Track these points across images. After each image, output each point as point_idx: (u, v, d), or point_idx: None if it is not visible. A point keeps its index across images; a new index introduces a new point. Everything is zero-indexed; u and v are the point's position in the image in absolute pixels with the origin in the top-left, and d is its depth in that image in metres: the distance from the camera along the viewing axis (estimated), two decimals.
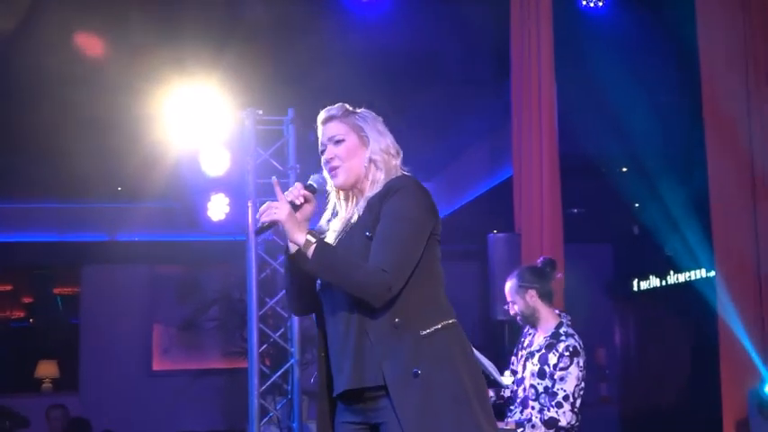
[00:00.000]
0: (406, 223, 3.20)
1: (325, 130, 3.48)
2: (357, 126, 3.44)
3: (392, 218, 3.19)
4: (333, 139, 3.44)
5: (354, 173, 3.41)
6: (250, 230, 7.83)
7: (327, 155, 3.44)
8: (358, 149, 3.41)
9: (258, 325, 7.70)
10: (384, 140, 3.43)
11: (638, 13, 9.42)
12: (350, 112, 3.47)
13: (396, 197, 3.23)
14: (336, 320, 3.27)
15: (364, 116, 3.47)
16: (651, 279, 12.96)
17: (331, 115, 3.47)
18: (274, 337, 8.00)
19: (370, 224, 3.23)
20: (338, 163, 3.41)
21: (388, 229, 3.18)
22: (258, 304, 7.74)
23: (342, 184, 3.43)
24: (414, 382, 3.08)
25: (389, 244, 3.15)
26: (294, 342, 7.84)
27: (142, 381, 12.77)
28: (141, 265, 12.82)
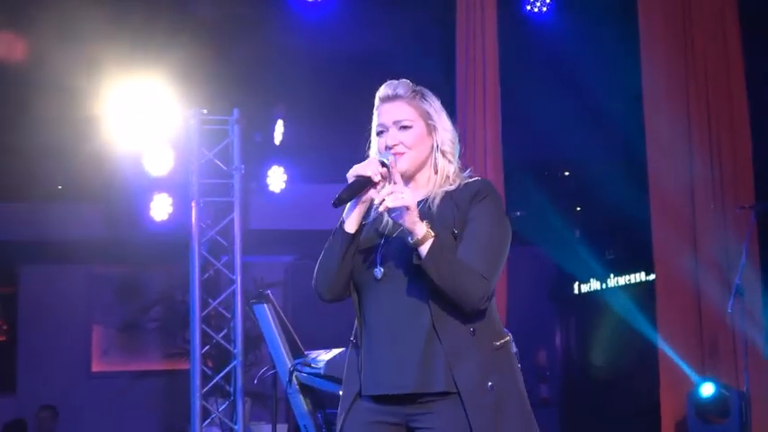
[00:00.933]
0: (503, 231, 3.04)
1: (387, 110, 3.12)
2: (425, 112, 3.12)
3: (490, 223, 3.01)
4: (399, 123, 3.09)
5: (418, 162, 3.13)
6: (193, 230, 7.78)
7: (390, 140, 3.09)
8: (425, 138, 3.12)
9: (201, 326, 7.66)
10: (452, 130, 3.18)
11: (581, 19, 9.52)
12: (417, 92, 3.14)
13: (489, 201, 3.03)
14: (395, 316, 3.00)
15: (432, 100, 3.16)
16: (592, 282, 13.10)
17: (397, 94, 3.12)
18: (217, 338, 7.96)
19: (456, 222, 3.00)
20: (403, 149, 3.09)
21: (488, 235, 3.00)
22: (201, 305, 7.71)
23: (405, 172, 3.10)
24: (490, 393, 2.93)
25: (489, 251, 2.98)
26: (237, 343, 7.81)
27: (81, 382, 12.60)
28: (80, 265, 12.66)
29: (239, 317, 7.88)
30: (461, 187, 3.07)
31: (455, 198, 3.05)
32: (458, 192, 3.06)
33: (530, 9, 9.20)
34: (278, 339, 5.84)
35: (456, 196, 3.05)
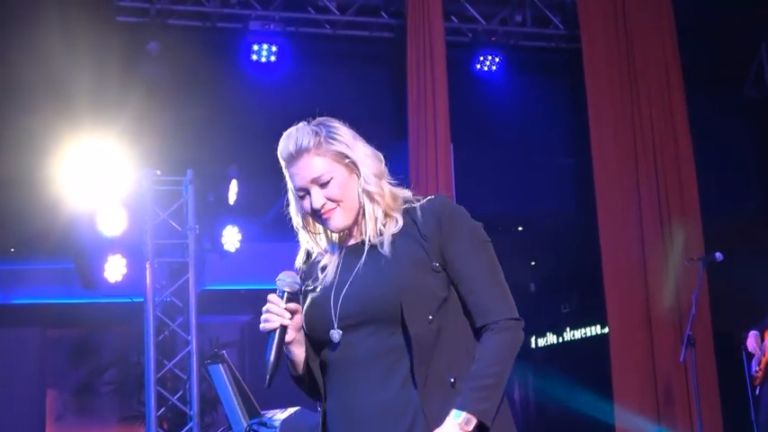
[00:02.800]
0: (487, 250, 2.62)
1: (298, 171, 2.64)
2: (338, 153, 2.63)
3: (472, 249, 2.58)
4: (317, 180, 2.62)
5: (354, 210, 2.65)
6: (148, 292, 7.74)
7: (316, 203, 2.62)
8: (350, 182, 2.64)
9: (156, 388, 7.58)
10: (369, 158, 2.67)
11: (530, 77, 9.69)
12: (319, 134, 2.65)
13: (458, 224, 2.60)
14: (362, 380, 2.56)
15: (336, 133, 2.66)
16: (548, 336, 13.16)
17: (301, 148, 2.64)
18: (173, 400, 7.88)
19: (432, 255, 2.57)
20: (333, 206, 2.63)
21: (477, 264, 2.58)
22: (156, 367, 7.64)
23: (342, 228, 2.67)
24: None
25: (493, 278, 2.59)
26: (193, 405, 7.74)
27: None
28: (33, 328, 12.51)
29: (195, 378, 7.82)
30: (417, 217, 2.61)
31: (417, 231, 2.60)
32: (414, 223, 2.61)
33: (479, 68, 9.34)
34: (233, 400, 5.80)
35: (416, 229, 2.60)
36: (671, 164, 8.89)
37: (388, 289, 2.54)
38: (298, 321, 2.64)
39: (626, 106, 8.93)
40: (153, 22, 8.58)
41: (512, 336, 2.54)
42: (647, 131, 8.91)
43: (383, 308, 2.53)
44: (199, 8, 8.79)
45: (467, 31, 9.46)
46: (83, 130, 7.92)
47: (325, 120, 2.71)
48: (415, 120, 8.63)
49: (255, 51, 8.73)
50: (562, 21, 9.53)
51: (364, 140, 2.72)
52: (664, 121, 8.97)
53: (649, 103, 8.95)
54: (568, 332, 12.77)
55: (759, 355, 7.42)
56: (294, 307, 2.62)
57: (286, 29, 8.84)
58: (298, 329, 2.65)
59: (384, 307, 2.53)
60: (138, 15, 8.68)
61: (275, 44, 8.71)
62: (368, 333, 2.55)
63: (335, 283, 2.64)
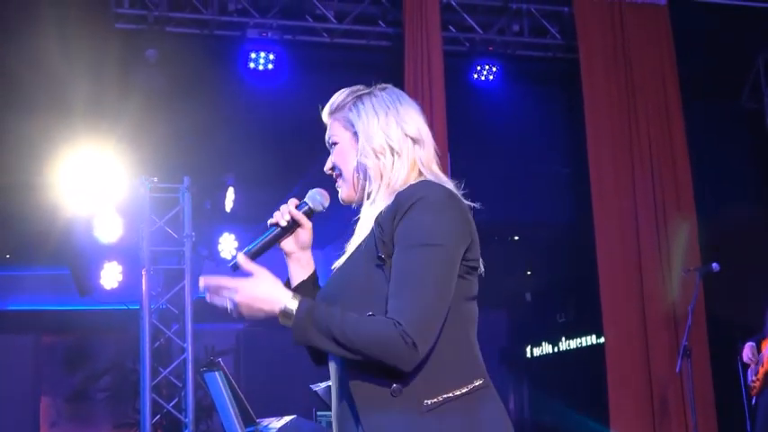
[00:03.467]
0: (424, 252, 2.26)
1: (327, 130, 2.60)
2: (348, 121, 2.51)
3: (405, 245, 2.28)
4: (328, 142, 2.57)
5: (353, 184, 2.52)
6: (144, 299, 7.74)
7: (325, 165, 2.57)
8: (350, 151, 2.51)
9: (151, 395, 7.57)
10: (379, 133, 2.46)
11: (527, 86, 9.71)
12: (349, 99, 2.54)
13: (412, 213, 2.30)
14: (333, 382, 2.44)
15: (364, 101, 2.52)
16: (544, 345, 13.17)
17: (330, 109, 2.58)
18: (168, 407, 7.87)
19: (380, 247, 2.32)
20: (337, 173, 2.54)
21: (401, 264, 2.27)
22: (151, 374, 7.63)
23: (346, 200, 2.55)
24: None
25: (405, 285, 2.24)
26: (188, 412, 7.73)
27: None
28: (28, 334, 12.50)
29: (190, 386, 7.81)
30: (391, 203, 2.37)
31: (380, 216, 2.38)
32: (386, 211, 2.37)
33: (476, 77, 9.35)
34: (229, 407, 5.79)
35: (382, 213, 2.37)
36: (668, 174, 8.91)
37: (337, 285, 2.41)
38: (303, 238, 2.57)
39: (623, 117, 8.95)
40: (151, 29, 8.59)
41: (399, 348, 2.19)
42: (645, 142, 8.93)
43: (330, 302, 2.35)
44: (197, 15, 8.80)
45: (464, 41, 9.48)
46: (80, 136, 7.93)
47: (389, 88, 2.57)
48: None
49: (253, 59, 8.73)
50: (559, 31, 9.55)
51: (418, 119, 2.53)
52: (661, 131, 8.99)
53: (647, 113, 8.98)
54: (564, 342, 12.77)
55: (756, 365, 7.44)
56: (300, 218, 2.54)
57: (284, 37, 8.85)
58: (301, 247, 2.58)
59: (329, 301, 2.35)
60: (136, 22, 8.68)
61: (273, 52, 8.72)
62: None
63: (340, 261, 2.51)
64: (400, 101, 2.53)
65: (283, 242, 2.56)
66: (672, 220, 8.81)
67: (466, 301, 2.39)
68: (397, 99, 2.53)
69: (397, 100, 2.52)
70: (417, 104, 2.57)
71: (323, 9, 9.06)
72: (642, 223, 8.76)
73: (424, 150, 2.51)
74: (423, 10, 8.71)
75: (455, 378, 2.29)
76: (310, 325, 2.23)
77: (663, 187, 8.86)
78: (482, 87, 9.43)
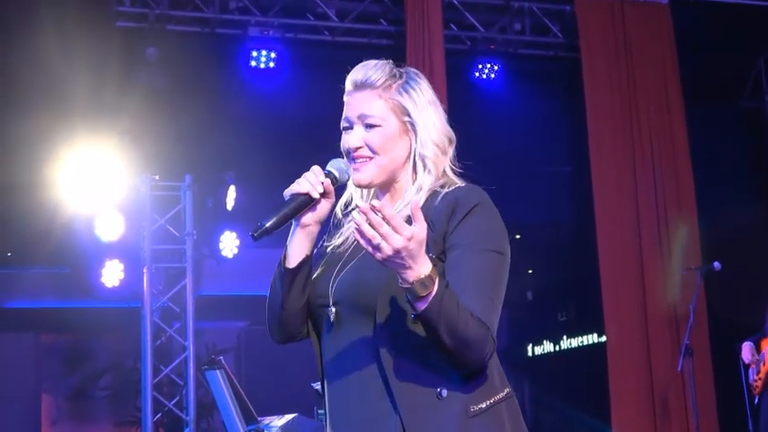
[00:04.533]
0: (497, 260, 2.27)
1: (355, 101, 2.41)
2: (401, 107, 2.39)
3: (478, 248, 2.25)
4: (365, 119, 2.38)
5: (388, 171, 2.40)
6: (145, 297, 7.74)
7: (353, 141, 2.39)
8: (398, 140, 2.39)
9: (152, 393, 7.58)
10: (437, 128, 2.42)
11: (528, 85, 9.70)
12: (396, 78, 2.41)
13: (475, 218, 2.28)
14: (349, 368, 2.33)
15: (417, 89, 2.43)
16: (545, 344, 13.15)
17: (367, 81, 2.40)
18: (169, 405, 7.88)
19: (432, 245, 2.24)
20: (367, 154, 2.38)
21: (475, 265, 2.24)
22: (153, 372, 7.63)
23: (367, 183, 2.41)
24: None
25: (483, 288, 2.23)
26: (190, 410, 7.74)
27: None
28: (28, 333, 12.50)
29: (192, 384, 7.82)
30: (435, 201, 2.33)
31: (431, 214, 2.29)
32: (434, 205, 2.32)
33: (478, 76, 9.35)
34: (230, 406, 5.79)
35: (432, 212, 2.30)
36: (669, 172, 8.91)
37: (372, 276, 2.26)
38: (323, 211, 2.41)
39: (625, 116, 8.95)
40: (152, 27, 8.58)
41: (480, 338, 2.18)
42: (646, 141, 8.93)
43: (363, 298, 2.28)
44: (198, 14, 8.79)
45: (466, 39, 9.47)
46: (81, 135, 7.93)
47: (416, 73, 2.48)
48: None
49: (254, 57, 8.73)
50: (561, 29, 9.55)
51: (444, 115, 2.48)
52: (662, 130, 8.99)
53: (648, 112, 8.98)
54: (565, 340, 12.76)
55: (757, 364, 7.43)
56: (330, 188, 2.37)
57: (285, 35, 8.85)
58: (318, 220, 2.41)
59: (364, 297, 2.27)
60: (136, 21, 8.68)
61: (274, 50, 8.72)
62: (354, 323, 2.31)
63: (349, 251, 2.41)
64: (435, 93, 2.50)
65: (305, 214, 2.38)
66: (673, 219, 8.80)
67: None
68: (434, 90, 2.50)
69: (434, 91, 2.50)
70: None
71: (324, 7, 9.06)
72: (643, 222, 8.76)
73: (452, 147, 2.49)
74: (424, 8, 8.70)
75: (496, 385, 2.31)
76: (443, 304, 2.12)
77: (664, 186, 8.86)
78: (484, 86, 9.43)
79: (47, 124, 7.81)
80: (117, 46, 8.43)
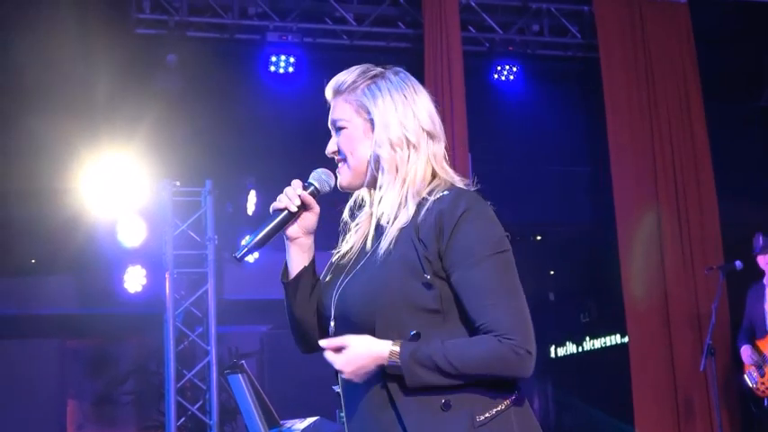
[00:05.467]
0: (498, 261, 2.24)
1: (331, 107, 2.46)
2: (364, 107, 2.38)
3: (475, 260, 2.22)
4: (335, 123, 2.42)
5: (361, 172, 2.40)
6: (168, 302, 7.78)
7: (328, 147, 2.44)
8: (364, 139, 2.38)
9: (176, 398, 7.61)
10: (400, 124, 2.35)
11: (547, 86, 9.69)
12: (361, 81, 2.41)
13: (464, 228, 2.24)
14: (353, 389, 2.34)
15: (379, 86, 2.40)
16: (568, 345, 13.13)
17: (337, 88, 2.44)
18: (192, 409, 7.91)
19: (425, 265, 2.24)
20: (341, 157, 2.42)
21: (479, 279, 2.22)
22: (176, 376, 7.67)
23: (346, 186, 2.44)
24: None
25: (494, 297, 2.21)
26: (213, 414, 7.77)
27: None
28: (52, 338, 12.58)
29: (214, 388, 7.85)
30: (422, 213, 2.29)
31: (418, 229, 2.27)
32: (422, 219, 2.28)
33: (497, 77, 9.34)
34: (253, 410, 5.81)
35: (421, 227, 2.27)
36: (689, 173, 8.87)
37: (369, 299, 2.27)
38: (309, 222, 2.43)
39: (644, 116, 8.92)
40: (171, 34, 8.63)
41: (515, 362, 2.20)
42: (666, 140, 8.90)
43: (361, 315, 2.28)
44: (217, 20, 8.83)
45: (484, 41, 9.47)
46: (102, 142, 7.98)
47: (402, 73, 2.45)
48: None
49: (273, 62, 8.76)
50: (579, 30, 9.53)
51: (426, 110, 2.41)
52: (682, 129, 8.96)
53: (667, 112, 8.94)
54: (588, 341, 12.74)
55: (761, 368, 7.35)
56: (310, 201, 2.41)
57: (303, 40, 8.87)
58: (306, 231, 2.44)
59: (361, 315, 2.28)
60: (156, 27, 8.73)
61: (293, 55, 8.74)
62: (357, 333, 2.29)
63: (350, 262, 2.40)
64: (416, 90, 2.42)
65: (289, 228, 2.41)
66: (694, 219, 8.77)
67: None
68: (412, 87, 2.41)
69: (412, 88, 2.41)
70: (429, 93, 2.46)
71: (342, 11, 9.08)
72: (664, 222, 8.73)
73: (438, 145, 2.40)
74: (442, 11, 8.70)
75: (503, 391, 2.26)
76: (418, 367, 2.17)
77: (684, 186, 8.83)
78: (502, 87, 9.42)
79: (68, 131, 7.87)
80: (137, 53, 8.48)
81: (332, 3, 9.01)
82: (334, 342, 2.23)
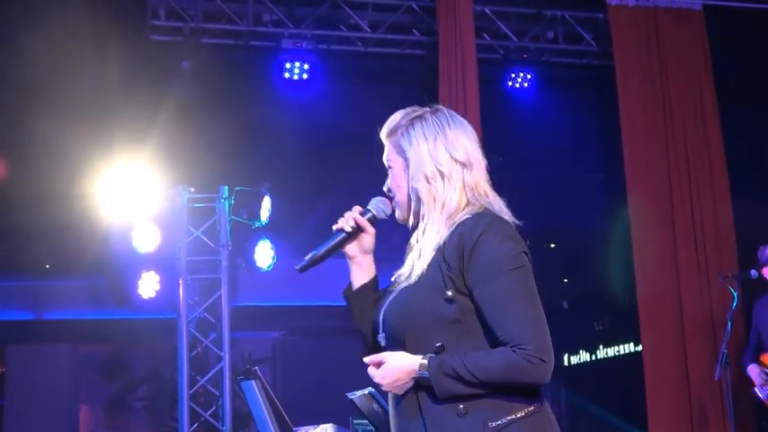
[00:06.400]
0: (513, 277, 2.43)
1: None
2: (399, 147, 2.63)
3: (493, 277, 2.43)
4: (387, 164, 2.69)
5: (406, 207, 2.64)
6: (181, 308, 7.78)
7: (384, 184, 2.71)
8: (403, 176, 2.63)
9: (189, 404, 7.61)
10: (432, 158, 2.58)
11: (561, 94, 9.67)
12: (403, 123, 2.65)
13: (481, 249, 2.45)
14: (393, 398, 2.60)
15: (414, 125, 2.63)
16: (581, 353, 13.09)
17: (386, 131, 2.69)
18: (205, 416, 7.91)
19: (448, 282, 2.47)
20: (392, 195, 2.68)
21: (496, 294, 2.42)
22: (189, 382, 7.67)
23: (399, 219, 2.68)
24: None
25: (509, 311, 2.41)
26: (226, 421, 7.76)
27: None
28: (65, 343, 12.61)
29: (228, 394, 7.85)
30: (448, 234, 2.53)
31: (444, 250, 2.51)
32: (446, 240, 2.52)
33: (511, 85, 9.34)
34: (266, 416, 5.81)
35: (445, 248, 2.51)
36: (704, 180, 8.84)
37: (402, 313, 2.55)
38: (366, 243, 2.71)
39: (659, 123, 8.90)
40: (186, 40, 8.66)
41: (529, 370, 2.39)
42: (681, 148, 8.87)
43: (396, 329, 2.56)
44: (232, 27, 8.85)
45: (498, 48, 9.46)
46: (117, 147, 8.00)
47: (440, 111, 2.67)
48: None
49: (288, 69, 8.77)
50: (594, 38, 9.51)
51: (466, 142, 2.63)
52: (697, 136, 8.93)
53: (683, 119, 8.92)
54: (601, 350, 12.70)
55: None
56: (364, 224, 2.68)
57: (318, 46, 8.88)
58: (363, 251, 2.72)
59: (396, 329, 2.55)
60: (171, 34, 8.75)
61: (307, 62, 8.76)
62: (394, 349, 2.56)
63: (398, 283, 2.63)
64: (449, 124, 2.63)
65: (347, 246, 2.70)
66: (709, 227, 8.73)
67: None
68: (446, 122, 2.63)
69: (446, 123, 2.63)
70: (468, 125, 2.68)
71: (357, 18, 9.09)
72: (679, 230, 8.70)
73: (473, 173, 2.61)
74: (456, 18, 8.70)
75: (518, 401, 2.44)
76: (444, 378, 2.40)
77: (700, 193, 8.79)
78: (517, 95, 9.41)
79: (83, 137, 7.89)
80: (152, 59, 8.52)
81: (346, 10, 9.02)
82: (374, 358, 2.53)
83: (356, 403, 5.57)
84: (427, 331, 2.48)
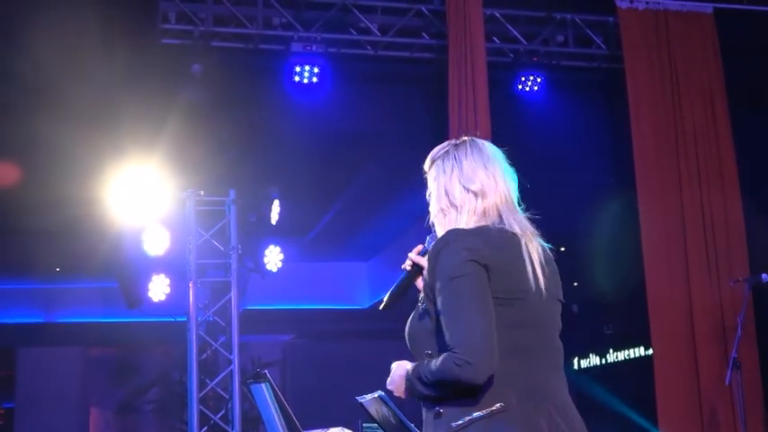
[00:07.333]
0: (452, 285, 2.57)
1: None
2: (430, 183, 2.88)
3: (440, 289, 2.61)
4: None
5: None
6: (191, 311, 7.79)
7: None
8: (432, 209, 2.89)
9: (198, 407, 7.62)
10: (443, 192, 2.81)
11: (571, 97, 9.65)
12: (432, 160, 2.90)
13: (435, 264, 2.64)
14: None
15: (437, 163, 2.86)
16: (591, 357, 13.07)
17: (428, 165, 2.92)
18: (215, 419, 7.91)
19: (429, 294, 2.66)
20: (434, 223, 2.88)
21: (439, 305, 2.60)
22: (199, 385, 7.67)
23: None
24: None
25: (446, 318, 2.57)
26: (235, 424, 7.76)
27: None
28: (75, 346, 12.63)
29: (237, 397, 7.85)
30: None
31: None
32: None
33: (521, 88, 9.32)
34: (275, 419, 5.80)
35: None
36: (715, 183, 8.81)
37: (407, 328, 2.78)
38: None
39: (669, 126, 8.87)
40: (196, 44, 8.66)
41: (456, 372, 2.51)
42: (691, 151, 8.85)
43: (408, 342, 2.79)
44: (242, 30, 8.86)
45: (508, 52, 9.45)
46: (127, 151, 8.02)
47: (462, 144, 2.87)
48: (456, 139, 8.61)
49: (297, 72, 8.77)
50: (604, 41, 9.49)
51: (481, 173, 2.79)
52: (707, 140, 8.90)
53: (693, 122, 8.89)
54: (611, 354, 12.68)
55: None
56: (419, 261, 2.84)
57: (328, 50, 8.88)
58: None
59: (408, 342, 2.79)
60: (181, 38, 8.76)
61: (317, 65, 8.75)
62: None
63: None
64: (467, 155, 2.82)
65: (418, 281, 2.86)
66: (720, 231, 8.70)
67: (506, 328, 2.59)
68: (464, 155, 2.83)
69: (463, 156, 2.82)
70: (490, 152, 2.85)
71: (367, 22, 9.08)
72: (689, 234, 8.67)
73: (486, 200, 2.76)
74: (466, 21, 8.69)
75: (479, 402, 2.55)
76: (416, 381, 2.64)
77: (710, 197, 8.77)
78: (527, 98, 9.39)
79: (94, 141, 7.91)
80: (162, 63, 8.53)
81: (356, 13, 9.02)
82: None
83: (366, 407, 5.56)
84: (421, 342, 2.69)
